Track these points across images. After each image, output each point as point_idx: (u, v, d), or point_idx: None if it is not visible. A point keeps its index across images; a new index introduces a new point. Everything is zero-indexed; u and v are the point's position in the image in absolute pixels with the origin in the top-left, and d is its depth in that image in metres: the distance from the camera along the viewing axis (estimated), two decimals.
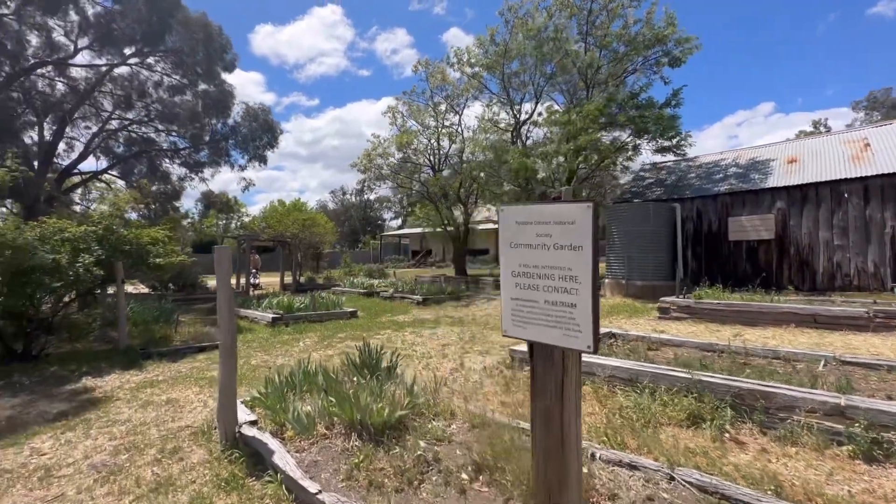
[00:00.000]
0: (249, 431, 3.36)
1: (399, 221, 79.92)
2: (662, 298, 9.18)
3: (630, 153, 15.41)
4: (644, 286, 11.98)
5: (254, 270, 18.22)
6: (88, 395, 5.08)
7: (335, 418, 3.36)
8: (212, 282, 19.95)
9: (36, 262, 5.83)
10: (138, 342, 7.64)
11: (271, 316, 9.82)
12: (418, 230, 44.07)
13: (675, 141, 14.19)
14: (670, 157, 15.55)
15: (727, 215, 12.93)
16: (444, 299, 13.67)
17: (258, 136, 19.26)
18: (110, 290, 8.72)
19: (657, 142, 14.55)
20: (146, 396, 4.96)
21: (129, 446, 3.63)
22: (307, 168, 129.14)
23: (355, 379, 4.12)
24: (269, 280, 21.63)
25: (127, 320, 7.65)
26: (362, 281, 18.04)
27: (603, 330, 6.31)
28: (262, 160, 20.00)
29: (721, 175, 14.53)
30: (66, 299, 7.04)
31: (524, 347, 4.98)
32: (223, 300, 3.27)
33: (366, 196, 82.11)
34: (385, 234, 51.02)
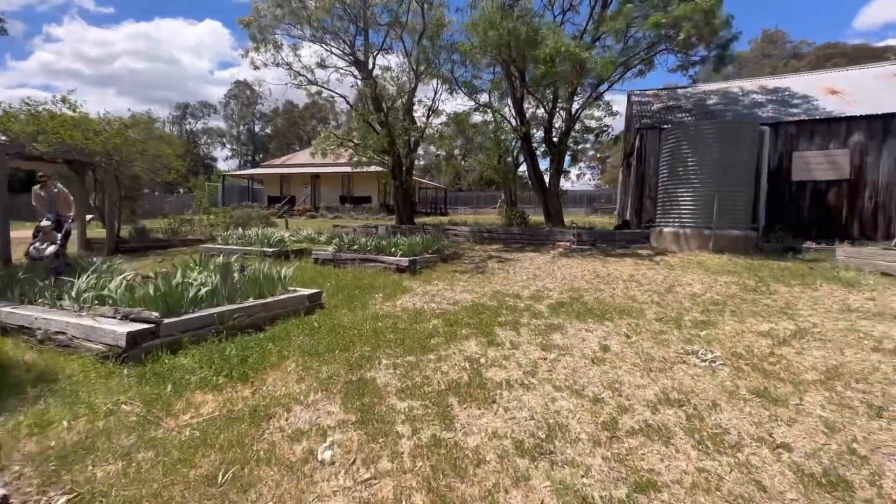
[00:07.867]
0: None
1: (236, 162, 64.46)
2: None
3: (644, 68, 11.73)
4: (737, 238, 8.75)
5: (68, 215, 8.25)
6: None
7: None
8: None
9: None
10: None
11: (125, 330, 3.43)
12: (278, 171, 34.74)
13: (725, 50, 10.85)
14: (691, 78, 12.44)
15: (791, 150, 10.53)
16: (432, 261, 8.41)
17: None
18: None
19: (686, 54, 11.20)
20: None
21: None
22: (95, 93, 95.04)
23: None
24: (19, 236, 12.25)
25: None
26: (251, 235, 11.07)
27: None
28: None
29: (749, 102, 12.15)
30: None
31: None
32: None
33: (187, 125, 64.27)
34: (228, 172, 39.68)
